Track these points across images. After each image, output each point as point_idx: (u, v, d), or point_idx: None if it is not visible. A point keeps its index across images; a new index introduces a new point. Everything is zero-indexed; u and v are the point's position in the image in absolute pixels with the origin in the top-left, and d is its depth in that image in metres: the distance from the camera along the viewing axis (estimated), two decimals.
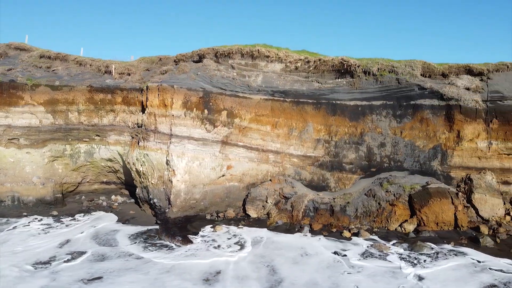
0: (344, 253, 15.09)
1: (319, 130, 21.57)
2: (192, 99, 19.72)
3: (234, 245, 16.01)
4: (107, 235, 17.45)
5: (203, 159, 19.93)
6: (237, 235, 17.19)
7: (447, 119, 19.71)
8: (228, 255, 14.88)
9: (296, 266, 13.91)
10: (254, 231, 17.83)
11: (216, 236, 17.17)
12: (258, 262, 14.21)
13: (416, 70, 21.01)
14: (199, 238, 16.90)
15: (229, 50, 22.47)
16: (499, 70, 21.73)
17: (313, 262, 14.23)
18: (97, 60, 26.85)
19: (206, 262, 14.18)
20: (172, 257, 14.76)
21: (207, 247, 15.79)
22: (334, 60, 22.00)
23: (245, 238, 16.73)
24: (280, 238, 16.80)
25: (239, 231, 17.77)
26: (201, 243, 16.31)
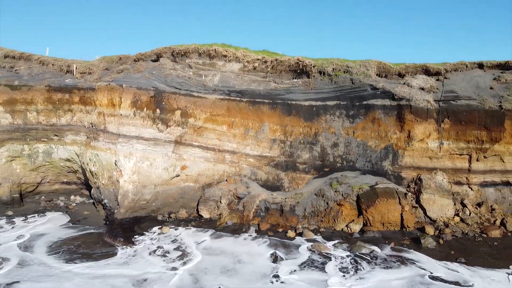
0: (282, 258, 14.66)
1: (275, 130, 21.46)
2: (142, 98, 19.55)
3: (173, 252, 15.37)
4: (36, 240, 16.81)
5: (155, 159, 19.76)
6: (178, 240, 16.67)
7: (398, 119, 19.67)
8: (160, 266, 14.02)
9: (226, 277, 13.22)
10: (197, 235, 17.33)
11: (158, 240, 16.69)
12: (188, 275, 13.38)
13: (371, 70, 20.97)
14: (141, 243, 16.39)
15: (185, 49, 22.36)
16: (458, 70, 21.80)
17: (245, 272, 13.65)
18: (60, 60, 26.65)
19: (134, 274, 13.46)
20: (100, 266, 14.10)
21: (142, 254, 15.14)
22: (290, 60, 21.93)
23: (186, 243, 16.23)
24: (220, 244, 16.32)
25: (183, 235, 17.28)
26: (141, 249, 15.72)
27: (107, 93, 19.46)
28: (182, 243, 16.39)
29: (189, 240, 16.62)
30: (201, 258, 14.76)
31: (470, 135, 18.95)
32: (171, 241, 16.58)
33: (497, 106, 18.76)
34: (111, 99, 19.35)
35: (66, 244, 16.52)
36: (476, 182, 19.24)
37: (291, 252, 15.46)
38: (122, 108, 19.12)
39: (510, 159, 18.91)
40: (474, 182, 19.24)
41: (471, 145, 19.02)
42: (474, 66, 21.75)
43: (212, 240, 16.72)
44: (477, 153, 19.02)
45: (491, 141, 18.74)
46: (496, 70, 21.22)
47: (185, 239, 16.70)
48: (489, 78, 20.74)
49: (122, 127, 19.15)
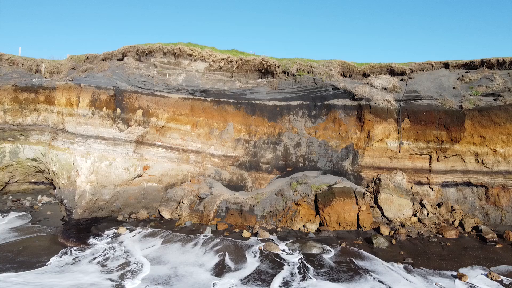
0: (226, 269, 13.59)
1: (240, 130, 21.36)
2: (102, 98, 19.41)
3: (114, 260, 14.29)
4: None
5: (114, 159, 19.62)
6: (126, 246, 15.66)
7: (358, 119, 19.58)
8: (96, 277, 12.94)
9: None
10: (146, 240, 16.47)
11: (109, 244, 16.09)
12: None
13: (334, 70, 20.88)
14: (90, 248, 15.68)
15: (150, 48, 22.24)
16: (424, 70, 21.75)
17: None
18: (29, 59, 26.48)
19: (64, 284, 12.35)
20: (30, 276, 12.86)
21: (82, 262, 14.12)
22: (255, 60, 21.82)
23: (131, 251, 15.18)
24: (166, 250, 15.17)
25: (133, 239, 16.55)
26: (83, 255, 14.76)
27: (65, 92, 19.32)
28: (127, 250, 15.33)
29: (135, 247, 15.61)
30: (140, 269, 13.64)
31: (430, 135, 18.87)
32: (119, 245, 15.90)
33: (457, 106, 18.67)
34: (69, 98, 19.21)
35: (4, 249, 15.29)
36: (437, 182, 19.16)
37: (240, 260, 14.44)
38: (80, 107, 18.98)
39: (471, 159, 18.82)
40: (435, 182, 19.16)
41: (431, 145, 18.94)
42: (440, 65, 21.69)
43: (161, 246, 15.86)
44: (437, 153, 18.93)
45: (451, 141, 18.66)
46: (461, 70, 21.16)
47: (131, 247, 15.66)
48: (453, 78, 20.67)
49: (80, 127, 19.00)
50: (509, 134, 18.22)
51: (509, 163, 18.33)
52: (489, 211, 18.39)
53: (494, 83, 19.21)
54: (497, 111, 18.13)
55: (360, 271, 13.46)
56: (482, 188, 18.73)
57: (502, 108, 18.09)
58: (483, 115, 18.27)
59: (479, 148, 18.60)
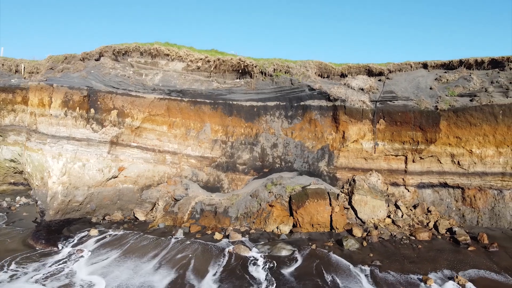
0: None
1: (217, 130, 21.16)
2: (75, 98, 19.21)
3: (57, 278, 13.31)
4: None
5: (88, 160, 19.41)
6: (76, 261, 14.74)
7: (333, 119, 19.39)
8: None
9: None
10: (108, 248, 15.83)
11: (70, 249, 15.74)
12: None
13: (311, 70, 20.70)
14: (60, 253, 15.51)
15: (126, 48, 22.04)
16: (402, 70, 21.56)
17: None
18: (9, 60, 26.28)
19: None
20: None
21: (19, 280, 13.17)
22: (232, 60, 21.62)
23: (80, 266, 14.23)
24: (121, 266, 14.19)
25: (91, 249, 15.84)
26: (23, 271, 13.76)
27: (37, 93, 19.11)
28: (74, 270, 14.00)
29: (87, 263, 14.57)
30: None
31: (406, 136, 18.68)
32: (76, 254, 15.29)
33: (433, 106, 18.48)
34: (41, 99, 19.00)
35: None
36: (413, 183, 18.98)
37: (199, 275, 13.37)
38: (52, 108, 18.77)
39: (447, 160, 18.64)
40: (411, 183, 18.98)
41: (406, 146, 18.75)
42: (418, 66, 21.50)
43: (117, 258, 14.90)
44: (413, 154, 18.75)
45: (426, 142, 18.47)
46: (439, 70, 20.96)
47: (83, 261, 14.74)
48: (431, 78, 20.47)
49: (52, 127, 18.79)
50: (485, 135, 18.03)
51: (486, 164, 18.15)
52: (465, 212, 18.22)
53: (471, 83, 19.01)
54: (472, 111, 17.93)
55: (324, 276, 13.24)
56: (459, 189, 18.56)
57: (478, 109, 17.89)
58: (458, 116, 18.08)
59: (455, 149, 18.41)
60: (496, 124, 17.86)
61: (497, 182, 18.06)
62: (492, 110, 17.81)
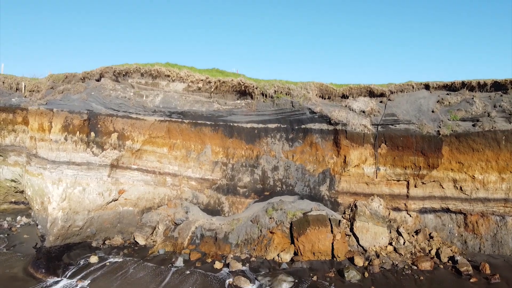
0: None
1: (217, 152, 21.05)
2: (75, 122, 19.14)
3: None
4: None
5: (88, 184, 19.35)
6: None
7: (335, 143, 19.27)
8: None
9: None
10: (102, 286, 15.37)
11: (69, 281, 15.54)
12: None
13: (311, 93, 20.58)
14: (59, 282, 15.45)
15: (127, 69, 21.97)
16: (404, 91, 21.40)
17: None
18: (10, 77, 26.30)
19: None
20: None
21: None
22: (233, 81, 21.53)
23: None
24: None
25: (89, 281, 15.63)
26: None
27: (37, 117, 19.06)
28: None
29: None
30: None
31: (407, 161, 18.54)
32: (74, 286, 15.08)
33: (435, 131, 18.34)
34: (41, 124, 18.95)
35: None
36: (415, 208, 18.83)
37: None
38: (52, 132, 18.71)
39: (449, 185, 18.49)
40: (413, 208, 18.83)
41: (408, 171, 18.61)
42: (420, 86, 21.32)
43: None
44: (415, 179, 18.61)
45: (428, 167, 18.33)
46: (442, 91, 20.79)
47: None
48: (433, 100, 20.31)
49: (52, 153, 18.72)
50: (488, 160, 17.88)
51: (488, 190, 17.99)
52: (467, 238, 18.07)
53: (474, 107, 18.85)
54: (475, 137, 17.79)
55: None
56: (461, 215, 18.40)
57: (481, 135, 17.74)
58: (461, 141, 17.93)
59: (457, 174, 18.25)
60: (498, 150, 17.70)
61: (499, 208, 17.90)
62: (495, 136, 17.66)
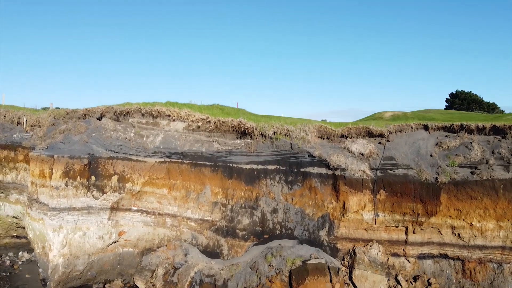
0: None
1: (217, 193, 21.17)
2: (76, 167, 19.31)
3: None
4: None
5: (88, 228, 19.50)
6: None
7: (334, 188, 19.37)
8: None
9: None
10: None
11: None
12: None
13: (310, 134, 20.70)
14: None
15: (127, 109, 22.18)
16: (403, 131, 21.53)
17: None
18: (11, 111, 26.59)
19: None
20: None
21: None
22: (233, 122, 21.69)
23: None
24: None
25: None
26: None
27: (38, 164, 19.25)
28: None
29: None
30: None
31: (406, 207, 18.63)
32: None
33: (433, 178, 18.42)
34: (42, 170, 19.14)
35: None
36: (414, 254, 18.90)
37: None
38: (53, 179, 18.87)
39: (448, 232, 18.56)
40: (411, 254, 18.90)
41: (407, 217, 18.69)
42: (419, 127, 21.46)
43: None
44: (413, 225, 18.68)
45: (427, 214, 18.40)
46: (440, 132, 20.92)
47: None
48: (431, 143, 20.40)
49: (52, 200, 18.88)
50: (486, 208, 17.96)
51: (486, 238, 18.06)
52: (465, 285, 18.14)
53: (472, 152, 18.94)
54: (473, 185, 17.88)
55: None
56: (459, 261, 18.47)
57: (479, 183, 17.84)
58: (459, 189, 18.02)
59: (455, 221, 18.34)
60: (496, 198, 17.79)
61: (497, 255, 17.98)
62: (493, 184, 17.76)
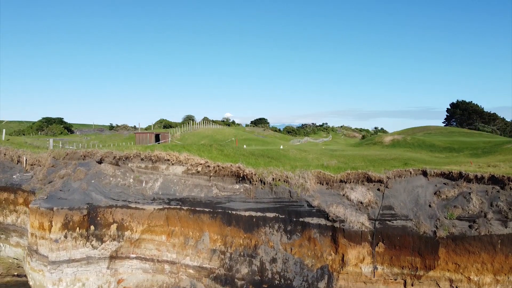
0: None
1: (216, 240, 21.20)
2: (75, 219, 19.41)
3: None
4: None
5: (87, 279, 19.57)
6: None
7: (333, 240, 19.37)
8: None
9: None
10: None
11: None
12: None
13: (309, 182, 20.72)
14: None
15: (127, 154, 22.29)
16: (401, 176, 21.50)
17: None
18: (11, 150, 26.79)
19: None
20: None
21: None
22: (232, 167, 21.77)
23: None
24: None
25: None
26: None
27: (38, 216, 19.35)
28: None
29: None
30: None
31: (405, 261, 18.61)
32: None
33: (432, 231, 18.42)
34: (42, 223, 19.23)
35: None
36: None
37: None
38: (52, 232, 18.98)
39: (446, 285, 18.50)
40: None
41: (405, 270, 18.67)
42: (418, 172, 21.42)
43: None
44: (411, 278, 18.64)
45: (425, 268, 18.38)
46: (439, 179, 20.88)
47: None
48: (430, 191, 20.40)
49: (52, 253, 18.96)
50: (484, 263, 17.94)
51: None
52: None
53: (471, 204, 18.94)
54: (471, 240, 17.88)
55: None
56: None
57: (477, 238, 17.84)
58: (457, 244, 18.01)
59: (453, 274, 18.31)
60: (494, 253, 17.78)
61: None
62: (491, 239, 17.76)
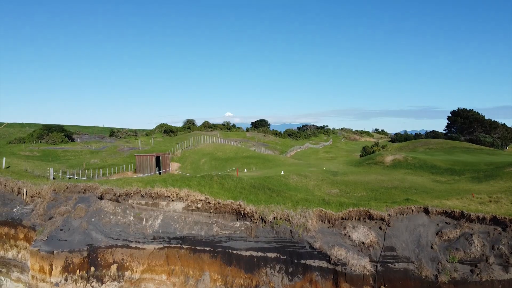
0: None
1: (216, 279, 21.08)
2: (75, 261, 19.34)
3: None
4: None
5: None
6: None
7: (335, 283, 19.25)
8: None
9: None
10: None
11: None
12: None
13: (311, 221, 20.62)
14: None
15: (127, 191, 22.22)
16: (403, 214, 21.42)
17: None
18: (11, 181, 26.69)
19: None
20: None
21: None
22: (232, 204, 21.69)
23: None
24: None
25: None
26: None
27: (38, 259, 19.27)
28: None
29: None
30: None
31: None
32: None
33: (433, 275, 18.31)
34: (42, 266, 19.15)
35: None
36: None
37: None
38: (52, 276, 18.91)
39: None
40: None
41: None
42: (420, 210, 21.35)
43: None
44: None
45: None
46: (441, 217, 20.82)
47: None
48: (432, 231, 20.31)
49: None
50: None
51: None
52: None
53: (473, 247, 18.83)
54: (473, 286, 17.76)
55: None
56: None
57: (478, 284, 17.73)
58: None
59: None
60: None
61: None
62: (492, 285, 17.67)
